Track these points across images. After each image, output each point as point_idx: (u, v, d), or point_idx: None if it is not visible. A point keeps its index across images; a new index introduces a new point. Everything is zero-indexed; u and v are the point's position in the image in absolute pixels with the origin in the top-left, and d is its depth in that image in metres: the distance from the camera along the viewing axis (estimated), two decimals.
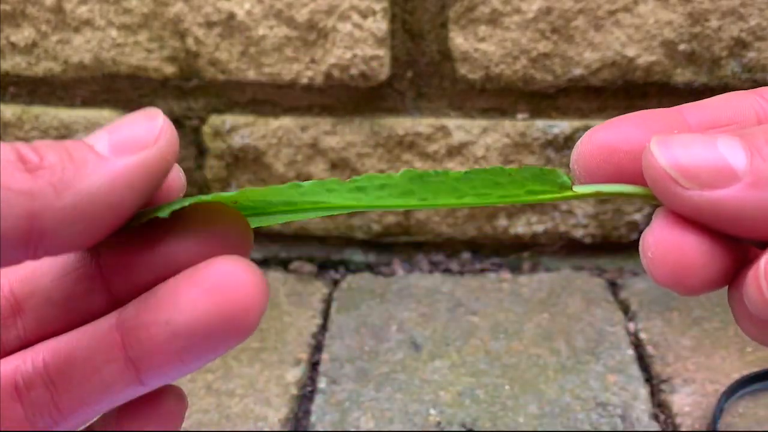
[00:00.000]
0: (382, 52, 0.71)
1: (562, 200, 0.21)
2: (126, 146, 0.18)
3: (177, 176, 0.21)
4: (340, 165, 0.77)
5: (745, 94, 0.22)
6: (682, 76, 0.71)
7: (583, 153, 0.21)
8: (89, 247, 0.18)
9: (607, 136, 0.21)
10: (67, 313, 0.20)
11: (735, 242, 0.19)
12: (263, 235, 0.83)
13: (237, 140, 0.77)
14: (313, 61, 0.72)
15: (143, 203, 0.19)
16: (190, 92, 0.76)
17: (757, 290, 0.18)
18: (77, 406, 0.19)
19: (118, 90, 0.77)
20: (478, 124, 0.75)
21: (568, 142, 0.75)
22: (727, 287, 0.20)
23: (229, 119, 0.77)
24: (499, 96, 0.74)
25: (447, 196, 0.21)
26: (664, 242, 0.19)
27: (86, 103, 0.78)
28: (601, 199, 0.78)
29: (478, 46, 0.71)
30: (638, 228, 0.79)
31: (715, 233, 0.19)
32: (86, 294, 0.20)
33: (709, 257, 0.19)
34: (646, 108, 0.72)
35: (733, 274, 0.19)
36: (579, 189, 0.21)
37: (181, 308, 0.18)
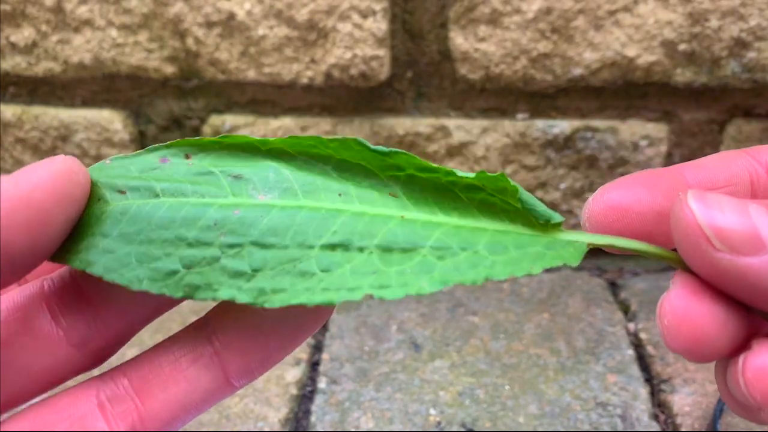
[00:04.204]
0: (382, 52, 0.71)
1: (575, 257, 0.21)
2: (32, 167, 0.20)
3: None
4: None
5: (738, 154, 0.23)
6: (682, 76, 0.71)
7: (595, 212, 0.22)
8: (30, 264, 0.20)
9: (618, 197, 0.22)
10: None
11: (747, 316, 0.19)
12: None
13: None
14: (313, 61, 0.72)
15: (63, 208, 0.20)
16: (190, 92, 0.76)
17: (736, 386, 0.19)
18: (161, 411, 0.21)
19: (118, 90, 0.77)
20: (478, 124, 0.75)
21: (568, 142, 0.75)
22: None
23: (229, 119, 0.77)
24: (499, 96, 0.74)
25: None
26: (680, 313, 0.19)
27: (86, 103, 0.78)
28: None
29: (478, 46, 0.71)
30: None
31: (729, 306, 0.19)
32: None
33: (722, 330, 0.19)
34: (646, 107, 0.72)
35: (741, 347, 0.20)
36: (589, 238, 0.21)
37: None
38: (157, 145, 0.22)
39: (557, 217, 0.22)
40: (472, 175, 0.22)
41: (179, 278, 0.20)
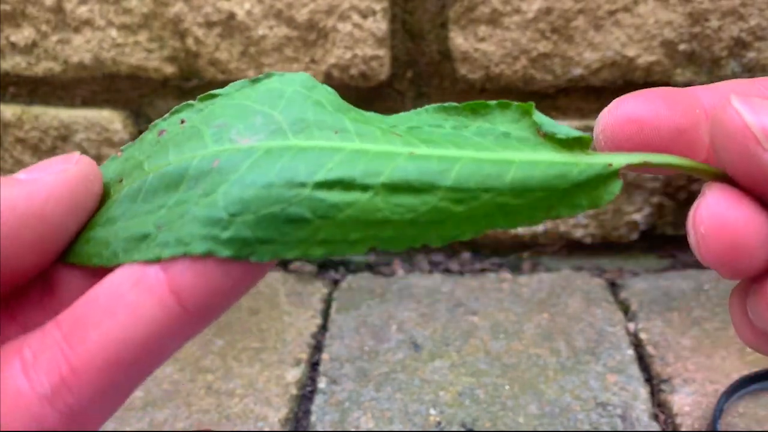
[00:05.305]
0: (382, 52, 0.71)
1: (610, 175, 0.19)
2: (43, 169, 0.19)
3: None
4: None
5: (752, 82, 0.22)
6: (682, 76, 0.71)
7: (609, 124, 0.20)
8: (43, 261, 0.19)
9: (635, 109, 0.20)
10: None
11: None
12: None
13: None
14: (313, 61, 0.72)
15: (76, 219, 0.19)
16: (190, 92, 0.76)
17: (763, 311, 0.18)
18: (96, 355, 0.17)
19: (118, 90, 0.77)
20: None
21: None
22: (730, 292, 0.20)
23: None
24: (499, 96, 0.74)
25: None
26: (719, 219, 0.18)
27: (86, 103, 0.78)
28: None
29: (478, 46, 0.71)
30: (638, 228, 0.79)
31: None
32: None
33: (762, 240, 0.17)
34: None
35: None
36: (624, 158, 0.19)
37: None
38: (156, 120, 0.21)
39: (580, 134, 0.19)
40: (492, 103, 0.20)
41: (150, 240, 0.18)
